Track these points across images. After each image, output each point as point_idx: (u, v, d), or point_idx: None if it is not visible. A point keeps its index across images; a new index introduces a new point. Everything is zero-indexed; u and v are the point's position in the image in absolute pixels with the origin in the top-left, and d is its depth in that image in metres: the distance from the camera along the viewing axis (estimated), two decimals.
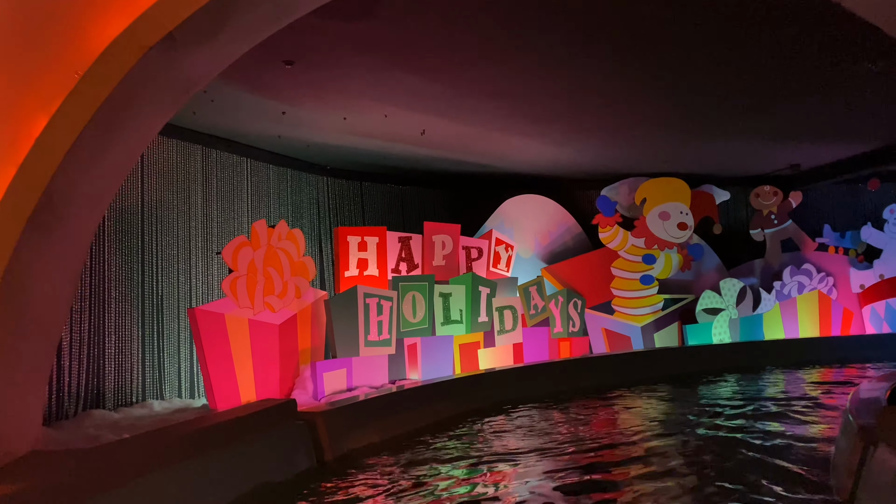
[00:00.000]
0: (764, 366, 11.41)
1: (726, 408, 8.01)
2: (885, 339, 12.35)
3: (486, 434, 7.17)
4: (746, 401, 8.45)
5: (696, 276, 12.75)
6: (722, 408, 8.05)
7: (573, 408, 8.52)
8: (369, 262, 8.90)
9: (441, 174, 11.89)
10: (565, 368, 10.52)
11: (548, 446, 6.37)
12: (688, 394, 9.41)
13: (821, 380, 10.24)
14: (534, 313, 10.54)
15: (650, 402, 8.89)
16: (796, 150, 11.44)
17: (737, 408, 7.95)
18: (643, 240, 12.09)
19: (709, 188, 12.73)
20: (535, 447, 6.39)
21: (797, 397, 8.58)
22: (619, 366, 10.97)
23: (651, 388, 9.77)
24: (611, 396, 9.32)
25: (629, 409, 8.52)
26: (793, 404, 7.99)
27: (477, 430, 7.36)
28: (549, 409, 8.43)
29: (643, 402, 8.84)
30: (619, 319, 11.99)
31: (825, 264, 12.80)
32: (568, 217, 12.43)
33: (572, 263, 11.94)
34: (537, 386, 9.41)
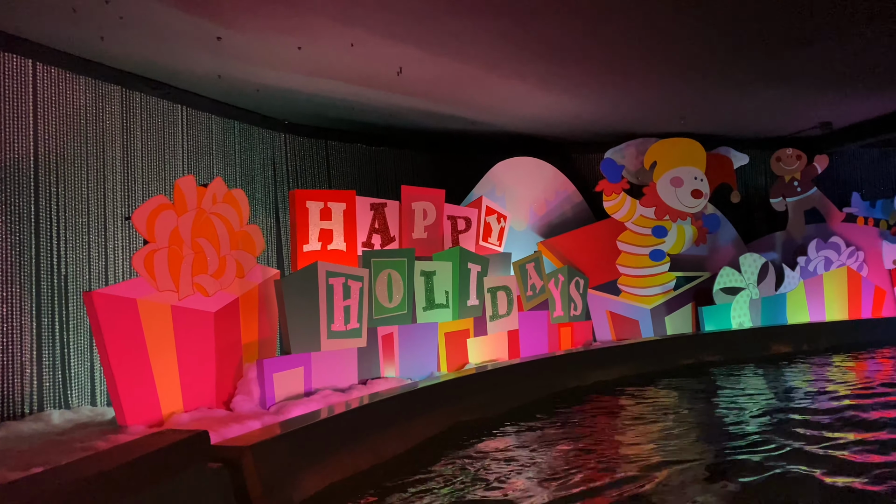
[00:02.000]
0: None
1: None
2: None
3: (496, 464, 5.24)
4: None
5: (712, 252, 11.23)
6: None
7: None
8: (334, 234, 7.21)
9: (422, 133, 10.18)
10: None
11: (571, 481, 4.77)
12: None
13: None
14: (531, 295, 8.95)
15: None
16: (827, 104, 9.90)
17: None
18: (653, 209, 10.52)
19: (726, 150, 11.18)
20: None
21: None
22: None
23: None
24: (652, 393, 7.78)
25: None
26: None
27: (482, 458, 5.44)
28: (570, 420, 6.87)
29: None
30: (625, 301, 10.46)
31: (854, 237, 11.35)
32: (567, 183, 10.81)
33: (573, 237, 10.35)
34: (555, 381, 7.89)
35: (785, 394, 7.49)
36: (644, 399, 7.60)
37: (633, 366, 9.05)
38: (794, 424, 5.92)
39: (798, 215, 11.54)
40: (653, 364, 9.23)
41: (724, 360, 9.68)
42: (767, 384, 8.30)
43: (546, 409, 7.12)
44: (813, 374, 8.87)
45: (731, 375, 8.92)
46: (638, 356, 9.28)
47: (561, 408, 7.20)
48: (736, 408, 6.96)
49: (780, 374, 8.88)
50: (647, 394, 7.90)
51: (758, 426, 6.00)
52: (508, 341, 8.57)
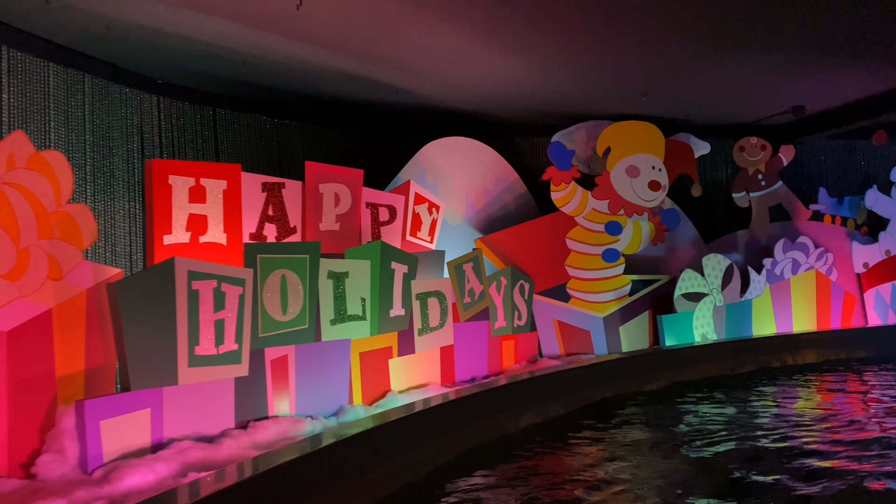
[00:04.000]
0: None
1: None
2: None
3: None
4: None
5: (670, 252, 9.88)
6: None
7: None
8: (210, 222, 5.36)
9: (337, 102, 8.37)
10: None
11: None
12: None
13: None
14: (469, 302, 7.30)
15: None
16: (801, 84, 8.68)
17: None
18: (607, 202, 9.07)
19: (686, 137, 9.84)
20: None
21: None
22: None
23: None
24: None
25: None
26: None
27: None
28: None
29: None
30: (575, 308, 8.95)
31: (822, 237, 10.23)
32: (510, 170, 9.23)
33: (516, 233, 8.77)
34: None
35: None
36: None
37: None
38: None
39: (762, 212, 10.34)
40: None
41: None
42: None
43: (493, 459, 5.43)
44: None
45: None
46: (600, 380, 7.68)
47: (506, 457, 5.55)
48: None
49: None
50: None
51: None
52: (441, 360, 6.89)
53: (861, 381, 8.28)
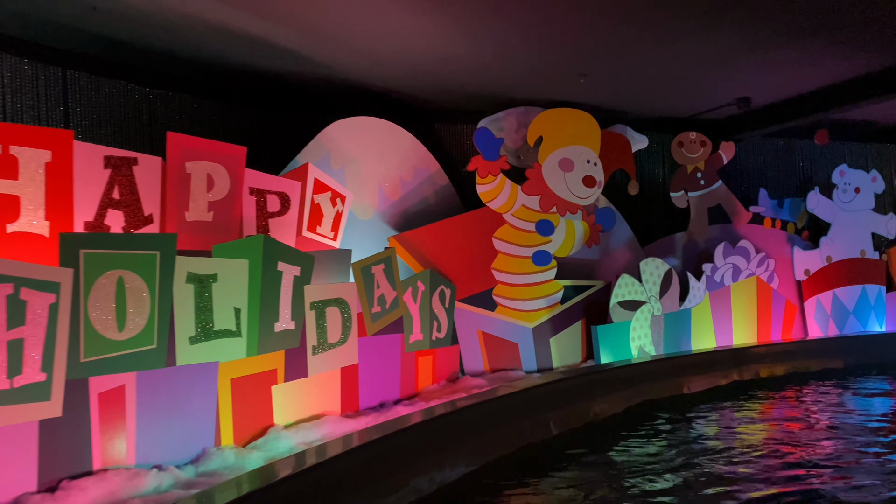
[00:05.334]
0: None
1: None
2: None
3: None
4: None
5: (605, 255, 8.95)
6: None
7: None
8: (23, 205, 3.97)
9: (223, 69, 6.98)
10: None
11: None
12: None
13: None
14: (379, 311, 6.08)
15: None
16: (745, 76, 7.92)
17: None
18: (538, 198, 8.05)
19: (622, 130, 8.96)
20: None
21: None
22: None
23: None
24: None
25: None
26: None
27: None
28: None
29: None
30: (502, 317, 7.88)
31: (763, 242, 9.54)
32: (430, 159, 8.06)
33: (436, 231, 7.62)
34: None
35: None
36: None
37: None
38: None
39: (701, 213, 9.58)
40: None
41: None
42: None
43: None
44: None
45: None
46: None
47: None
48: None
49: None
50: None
51: None
52: (342, 384, 5.64)
53: (807, 399, 7.56)
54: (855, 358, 9.06)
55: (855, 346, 9.28)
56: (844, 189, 9.75)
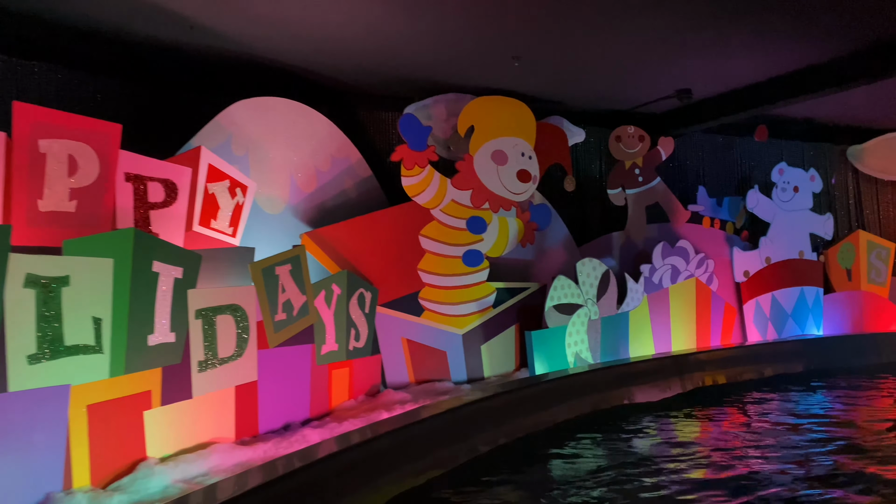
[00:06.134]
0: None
1: None
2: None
3: None
4: None
5: (539, 255, 8.37)
6: None
7: None
8: None
9: (98, 37, 6.00)
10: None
11: None
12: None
13: None
14: (283, 319, 5.27)
15: None
16: (686, 66, 7.46)
17: None
18: (469, 193, 7.39)
19: (558, 121, 8.39)
20: None
21: None
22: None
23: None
24: None
25: None
26: None
27: None
28: None
29: None
30: (429, 323, 7.18)
31: (702, 242, 9.14)
32: (350, 148, 7.27)
33: (356, 227, 6.84)
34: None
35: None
36: None
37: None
38: None
39: (639, 211, 9.10)
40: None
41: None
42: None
43: None
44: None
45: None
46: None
47: None
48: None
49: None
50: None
51: None
52: (237, 405, 4.82)
53: (749, 407, 7.14)
54: (796, 363, 8.75)
55: (795, 351, 8.97)
56: (784, 188, 9.46)
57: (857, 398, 7.51)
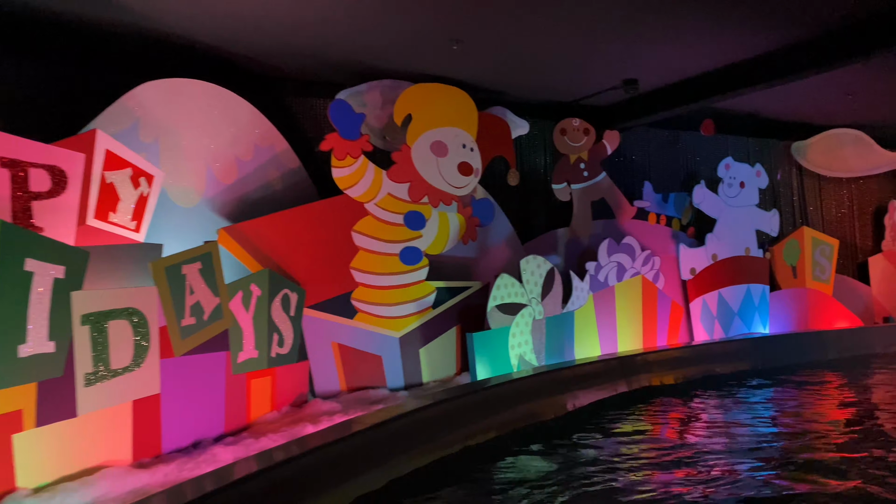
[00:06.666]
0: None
1: None
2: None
3: None
4: None
5: (482, 252, 7.95)
6: None
7: None
8: None
9: None
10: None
11: None
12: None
13: None
14: (192, 324, 4.69)
15: None
16: (633, 55, 7.14)
17: None
18: (406, 186, 6.92)
19: (501, 112, 8.00)
20: None
21: None
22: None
23: None
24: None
25: None
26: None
27: None
28: None
29: None
30: (363, 326, 6.66)
31: (648, 239, 8.87)
32: (276, 137, 6.69)
33: (280, 221, 6.28)
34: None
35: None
36: None
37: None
38: None
39: (585, 207, 8.78)
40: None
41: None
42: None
43: None
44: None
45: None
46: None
47: None
48: None
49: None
50: None
51: None
52: (135, 422, 4.23)
53: (696, 408, 6.86)
54: (744, 362, 8.54)
55: (743, 350, 8.77)
56: (730, 183, 9.27)
57: (803, 396, 7.35)
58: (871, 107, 9.36)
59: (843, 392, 7.49)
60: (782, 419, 6.29)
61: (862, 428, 5.76)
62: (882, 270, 10.73)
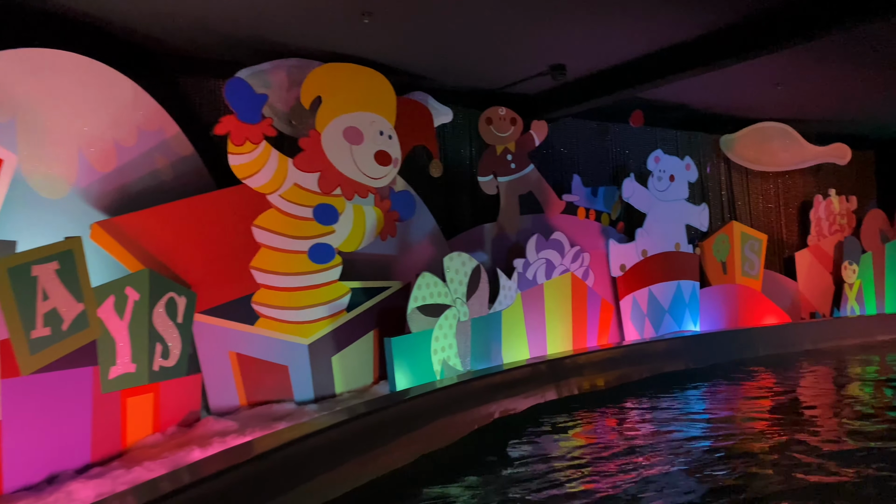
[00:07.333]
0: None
1: None
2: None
3: None
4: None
5: (403, 249, 7.34)
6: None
7: None
8: None
9: None
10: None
11: None
12: None
13: None
14: (47, 336, 3.91)
15: None
16: (560, 37, 6.69)
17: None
18: (316, 176, 6.25)
19: (423, 98, 7.42)
20: None
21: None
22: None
23: None
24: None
25: None
26: None
27: None
28: None
29: None
30: (266, 333, 5.95)
31: (577, 235, 8.46)
32: (165, 120, 5.88)
33: (167, 215, 5.50)
34: None
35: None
36: None
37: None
38: None
39: (512, 201, 8.29)
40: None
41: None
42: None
43: None
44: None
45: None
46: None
47: None
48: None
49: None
50: None
51: None
52: None
53: (628, 411, 6.47)
54: (676, 361, 8.23)
55: (675, 349, 8.46)
56: (660, 176, 8.96)
57: (734, 394, 7.15)
58: (798, 99, 9.24)
59: (773, 389, 7.32)
60: (713, 417, 6.10)
61: (789, 422, 5.73)
62: (808, 265, 10.69)
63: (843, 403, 6.54)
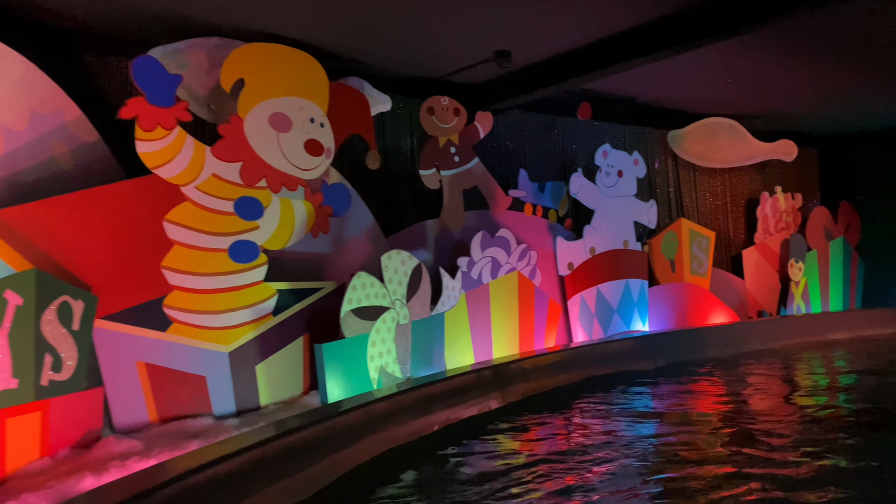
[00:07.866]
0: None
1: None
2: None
3: None
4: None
5: (337, 247, 6.81)
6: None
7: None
8: None
9: None
10: None
11: None
12: None
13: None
14: None
15: None
16: (504, 22, 6.28)
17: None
18: (238, 166, 5.68)
19: (358, 84, 6.91)
20: None
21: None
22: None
23: None
24: None
25: None
26: None
27: None
28: None
29: None
30: (180, 340, 5.35)
31: (524, 232, 8.07)
32: (63, 101, 5.21)
33: (64, 208, 4.86)
34: None
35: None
36: None
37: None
38: None
39: (456, 196, 7.85)
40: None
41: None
42: None
43: None
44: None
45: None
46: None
47: None
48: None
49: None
50: None
51: None
52: None
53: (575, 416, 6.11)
54: (626, 362, 7.92)
55: (624, 350, 8.14)
56: (608, 172, 8.65)
57: (684, 395, 6.91)
58: (745, 94, 9.06)
59: (723, 389, 7.12)
60: (664, 419, 5.91)
61: (741, 420, 5.64)
62: (755, 263, 10.58)
63: (793, 401, 6.38)
